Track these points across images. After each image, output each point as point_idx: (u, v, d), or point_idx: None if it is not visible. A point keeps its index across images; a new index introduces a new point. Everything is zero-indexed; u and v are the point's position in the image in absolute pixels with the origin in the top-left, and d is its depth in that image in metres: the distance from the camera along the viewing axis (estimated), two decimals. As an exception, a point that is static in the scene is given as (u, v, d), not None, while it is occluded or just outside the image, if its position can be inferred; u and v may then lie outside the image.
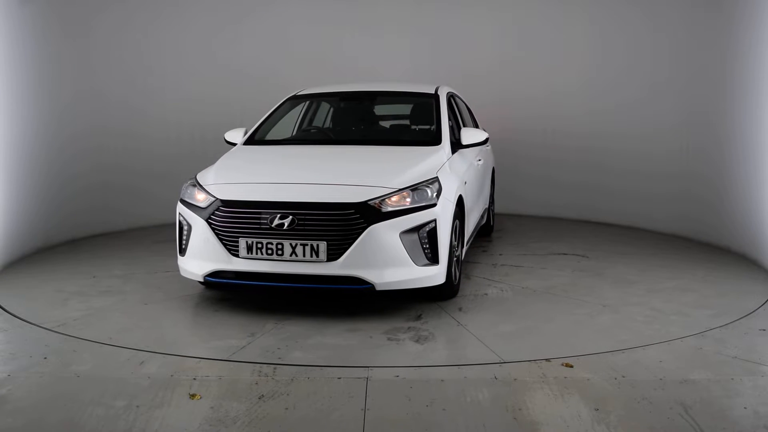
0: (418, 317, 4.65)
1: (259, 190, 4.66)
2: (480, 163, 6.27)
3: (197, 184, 4.86)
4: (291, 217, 4.38)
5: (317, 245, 4.35)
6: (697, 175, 7.21)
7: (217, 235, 4.55)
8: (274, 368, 3.73)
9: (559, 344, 4.12)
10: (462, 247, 5.30)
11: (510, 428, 3.10)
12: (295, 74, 8.29)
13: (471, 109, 7.24)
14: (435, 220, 4.52)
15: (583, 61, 8.34)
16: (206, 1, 8.34)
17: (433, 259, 4.56)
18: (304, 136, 6.15)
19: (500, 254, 6.52)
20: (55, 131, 6.96)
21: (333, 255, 4.35)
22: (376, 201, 4.42)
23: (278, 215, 4.40)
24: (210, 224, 4.58)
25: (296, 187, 4.62)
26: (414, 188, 4.56)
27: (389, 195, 4.46)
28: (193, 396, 3.38)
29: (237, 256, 4.49)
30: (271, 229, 4.41)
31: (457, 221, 4.99)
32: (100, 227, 7.46)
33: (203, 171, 5.09)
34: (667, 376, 3.63)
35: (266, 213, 4.43)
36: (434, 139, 5.39)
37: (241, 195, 4.62)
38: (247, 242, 4.45)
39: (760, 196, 6.07)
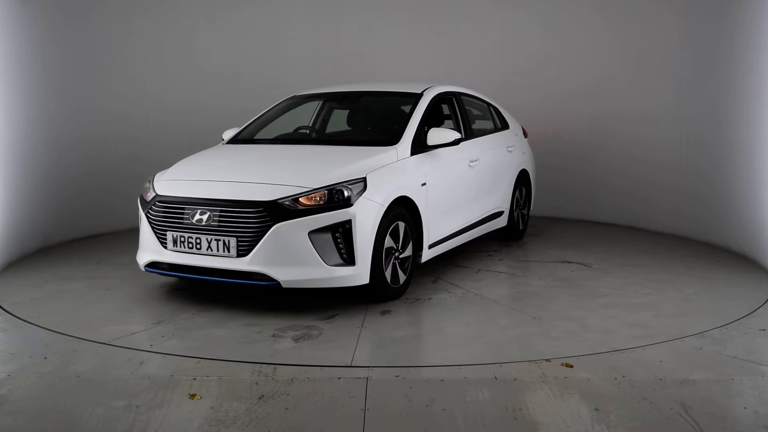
0: (331, 317, 4.66)
1: (187, 187, 4.94)
2: (476, 163, 6.10)
3: (151, 180, 5.18)
4: (209, 213, 4.64)
5: (228, 241, 4.57)
6: (697, 175, 7.20)
7: (152, 228, 4.90)
8: (274, 368, 3.74)
9: (424, 355, 4.10)
10: (421, 249, 5.26)
11: (510, 428, 3.10)
12: (300, 74, 8.30)
13: (499, 109, 7.09)
14: (350, 221, 4.55)
15: (583, 61, 8.32)
16: (207, 1, 8.33)
17: (349, 260, 4.58)
18: (283, 136, 6.12)
19: (500, 260, 6.38)
20: (55, 131, 6.96)
21: (243, 251, 4.54)
22: (287, 200, 4.54)
23: (198, 211, 4.67)
24: (147, 217, 4.96)
25: (219, 184, 4.84)
26: (331, 188, 4.61)
27: (302, 194, 4.57)
28: (193, 396, 3.39)
29: (166, 248, 4.81)
30: (192, 224, 4.67)
31: (400, 223, 4.97)
32: (100, 227, 7.45)
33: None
34: (667, 376, 3.63)
35: (189, 209, 4.72)
36: (393, 140, 5.34)
37: (172, 191, 4.92)
38: (173, 236, 4.77)
39: (760, 196, 6.07)
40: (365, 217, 4.64)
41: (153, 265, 4.96)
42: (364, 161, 4.95)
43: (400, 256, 5.03)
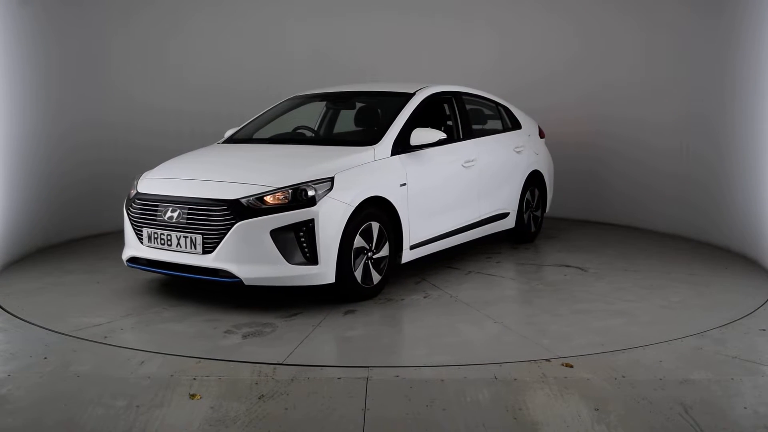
0: (293, 315, 4.69)
1: (163, 184, 5.07)
2: (473, 164, 6.03)
3: (137, 179, 5.33)
4: (179, 211, 4.76)
5: (195, 238, 4.69)
6: (696, 175, 7.21)
7: (132, 224, 5.07)
8: (274, 368, 3.74)
9: (361, 356, 4.03)
10: (401, 250, 5.26)
11: (510, 428, 3.10)
12: (301, 74, 8.29)
13: (510, 108, 7.00)
14: (313, 220, 4.58)
15: (583, 60, 8.32)
16: (207, 3, 8.32)
17: (312, 259, 4.62)
18: (277, 136, 6.11)
19: (498, 262, 6.28)
20: (55, 132, 6.96)
21: (208, 248, 4.64)
22: (249, 199, 4.61)
23: (170, 209, 4.81)
24: (128, 214, 5.12)
25: (191, 183, 4.96)
26: (295, 187, 4.65)
27: (266, 193, 4.63)
28: (193, 396, 3.39)
29: (143, 244, 4.96)
30: (164, 221, 4.81)
31: (373, 223, 4.97)
32: (100, 227, 7.45)
33: None
34: (667, 376, 3.63)
35: (162, 206, 4.86)
36: (374, 140, 5.34)
37: (149, 189, 5.08)
38: (147, 232, 4.93)
39: (760, 196, 6.07)
40: (330, 217, 4.66)
41: (133, 261, 5.11)
42: (336, 161, 4.97)
43: (374, 257, 5.03)
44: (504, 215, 6.62)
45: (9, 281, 5.59)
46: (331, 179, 4.76)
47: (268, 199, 4.62)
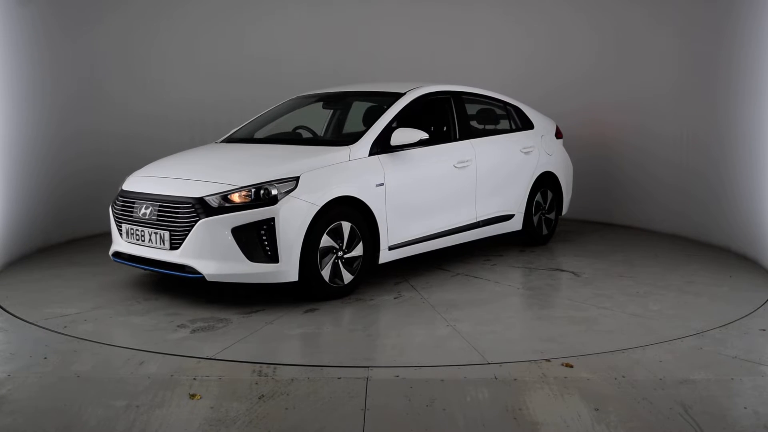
0: (252, 312, 4.75)
1: (142, 182, 5.24)
2: (467, 164, 5.96)
3: (126, 177, 5.50)
4: (151, 208, 4.92)
5: (163, 234, 4.83)
6: (696, 175, 7.21)
7: (114, 220, 5.27)
8: (274, 368, 3.74)
9: (288, 354, 4.08)
10: (378, 250, 5.26)
11: (510, 428, 3.10)
12: (302, 74, 8.29)
13: (521, 108, 6.90)
14: (273, 219, 4.64)
15: (583, 59, 8.32)
16: (210, 3, 8.31)
17: (273, 257, 4.67)
18: (272, 136, 6.15)
19: (493, 265, 6.19)
20: (55, 131, 6.96)
21: (175, 244, 4.78)
22: (213, 197, 4.71)
23: (144, 205, 4.98)
24: (112, 210, 5.32)
25: (164, 181, 5.10)
26: (258, 186, 4.72)
27: (229, 192, 4.72)
28: (193, 396, 3.39)
29: (122, 239, 5.16)
30: (139, 217, 4.98)
31: (344, 223, 4.99)
32: (100, 227, 7.43)
33: None
34: (667, 376, 3.63)
35: (138, 203, 5.04)
36: (354, 140, 5.38)
37: (131, 186, 5.27)
38: (125, 227, 5.11)
39: (760, 196, 6.07)
40: (291, 216, 4.71)
41: (117, 255, 5.27)
42: (305, 161, 5.02)
43: (346, 256, 5.05)
44: (507, 217, 6.52)
45: (9, 281, 5.59)
46: (296, 179, 4.82)
47: (233, 197, 4.71)
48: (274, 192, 4.72)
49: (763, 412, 3.26)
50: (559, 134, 7.26)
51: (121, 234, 5.16)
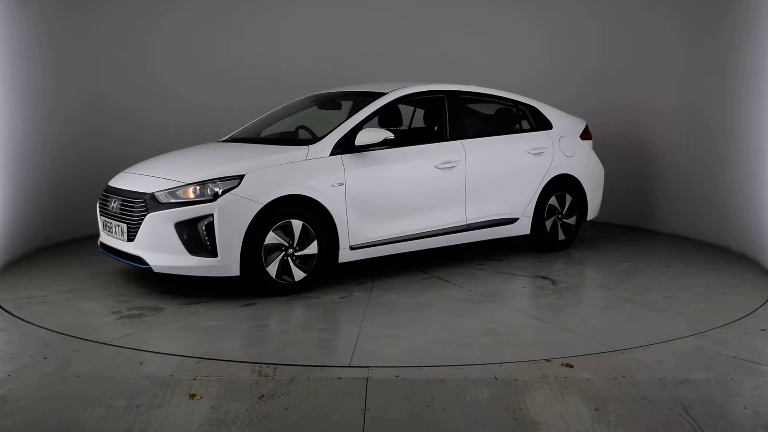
0: (192, 303, 4.96)
1: (120, 179, 5.58)
2: (453, 165, 5.83)
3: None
4: (117, 202, 5.26)
5: (122, 226, 5.15)
6: (696, 175, 7.20)
7: (99, 213, 5.58)
8: (274, 368, 3.74)
9: (189, 346, 4.13)
10: (338, 249, 5.29)
11: (510, 428, 3.11)
12: (305, 74, 8.27)
13: (537, 108, 6.65)
14: (212, 215, 4.83)
15: (585, 57, 8.32)
16: (210, 3, 8.31)
17: (212, 251, 4.86)
18: (267, 137, 6.21)
19: (480, 269, 5.98)
20: (55, 131, 6.96)
21: (131, 236, 5.08)
22: (162, 192, 4.98)
23: (113, 200, 5.31)
24: (99, 204, 5.60)
25: (136, 177, 5.41)
26: (202, 183, 4.95)
27: (177, 188, 4.97)
28: (193, 396, 3.39)
29: (103, 231, 5.52)
30: (110, 210, 5.32)
31: (294, 221, 5.05)
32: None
33: None
34: (667, 376, 3.63)
35: (111, 197, 5.37)
36: (318, 139, 5.45)
37: (111, 182, 5.60)
38: (102, 220, 5.49)
39: (760, 196, 6.07)
40: (231, 212, 4.88)
41: (102, 246, 5.56)
42: (256, 159, 5.18)
43: (298, 254, 5.12)
44: (512, 220, 6.29)
45: (9, 281, 5.60)
46: (240, 177, 4.97)
47: (180, 193, 4.95)
48: (216, 189, 4.91)
49: (763, 412, 3.26)
50: (586, 135, 6.94)
51: (102, 226, 5.51)
